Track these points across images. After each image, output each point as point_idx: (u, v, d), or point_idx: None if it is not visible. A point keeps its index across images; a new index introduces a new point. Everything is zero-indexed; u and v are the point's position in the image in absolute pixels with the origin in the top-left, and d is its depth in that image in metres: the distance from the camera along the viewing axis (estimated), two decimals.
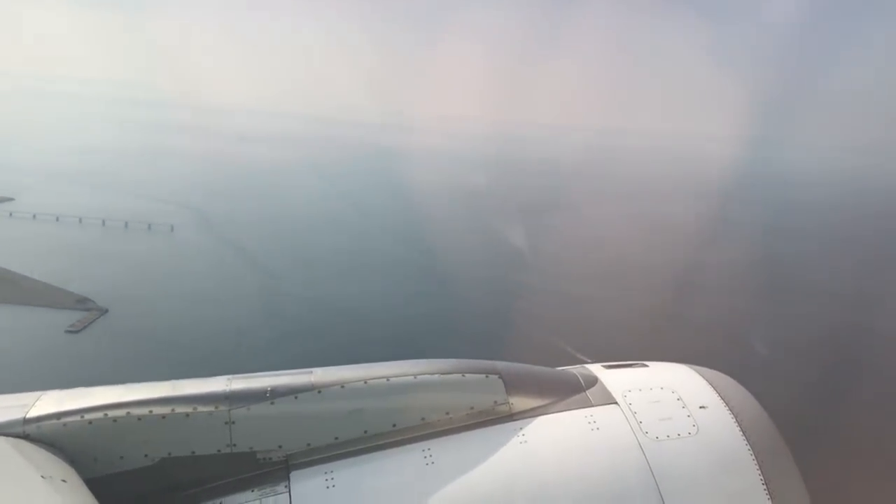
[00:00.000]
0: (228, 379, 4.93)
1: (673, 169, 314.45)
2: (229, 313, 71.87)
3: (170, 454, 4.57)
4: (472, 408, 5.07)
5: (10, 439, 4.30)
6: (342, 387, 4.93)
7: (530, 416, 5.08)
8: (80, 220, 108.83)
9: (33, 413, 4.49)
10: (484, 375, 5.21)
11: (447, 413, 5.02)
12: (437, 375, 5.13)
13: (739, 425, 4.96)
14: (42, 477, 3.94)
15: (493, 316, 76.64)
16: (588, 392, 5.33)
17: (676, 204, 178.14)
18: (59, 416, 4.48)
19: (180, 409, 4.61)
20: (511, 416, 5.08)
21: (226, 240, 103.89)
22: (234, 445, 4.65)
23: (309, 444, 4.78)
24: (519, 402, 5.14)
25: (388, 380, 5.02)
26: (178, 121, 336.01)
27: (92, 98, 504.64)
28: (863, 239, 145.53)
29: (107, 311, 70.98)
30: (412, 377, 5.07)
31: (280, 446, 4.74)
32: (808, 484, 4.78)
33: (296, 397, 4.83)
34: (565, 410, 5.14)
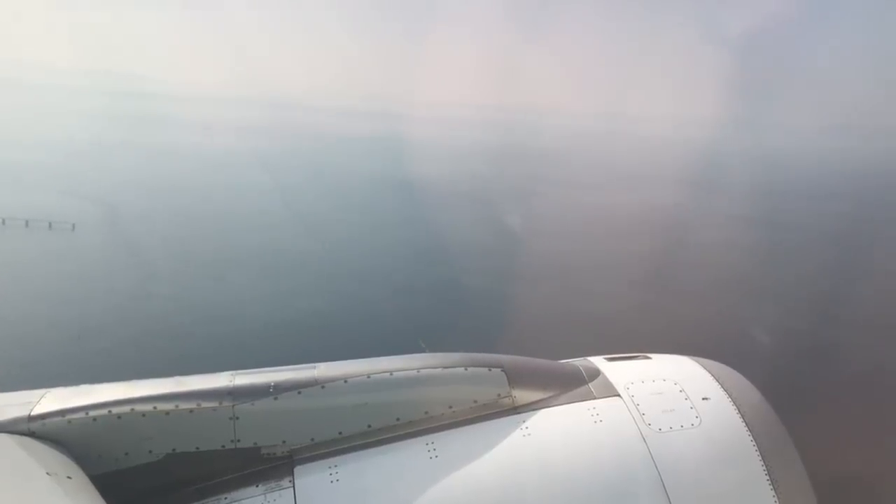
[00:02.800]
0: (232, 374, 4.97)
1: (654, 156, 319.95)
2: (81, 316, 68.50)
3: (174, 450, 4.60)
4: (475, 401, 5.14)
5: (16, 437, 4.33)
6: (345, 381, 4.98)
7: (533, 409, 5.17)
8: None
9: (38, 410, 4.52)
10: (487, 369, 5.29)
11: (450, 406, 5.09)
12: (439, 369, 5.20)
13: (742, 416, 5.12)
14: (47, 474, 3.97)
15: (368, 315, 74.69)
16: (591, 384, 5.44)
17: (642, 193, 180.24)
18: (63, 413, 4.51)
19: (184, 406, 4.65)
20: (514, 409, 5.16)
21: (127, 239, 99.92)
22: (238, 441, 4.70)
23: (313, 439, 4.83)
24: (522, 395, 5.23)
25: (391, 374, 5.08)
26: (142, 111, 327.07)
27: (54, 88, 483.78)
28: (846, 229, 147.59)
29: None
30: (415, 371, 5.14)
31: (284, 441, 4.79)
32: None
33: (299, 392, 4.87)
34: (568, 403, 5.24)
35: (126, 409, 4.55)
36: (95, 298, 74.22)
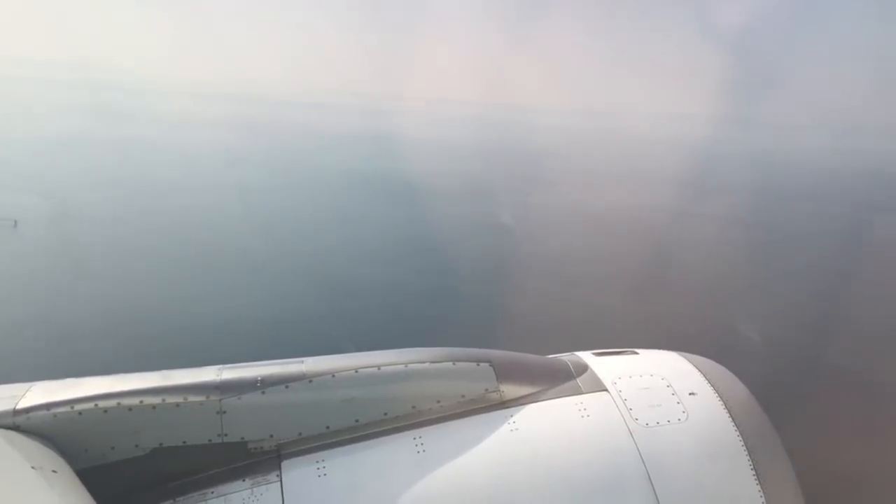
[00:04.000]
0: (219, 368, 5.01)
1: (646, 154, 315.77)
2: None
3: (161, 444, 4.62)
4: (462, 396, 5.20)
5: (0, 430, 4.32)
6: (333, 376, 5.02)
7: (521, 404, 5.22)
8: None
9: (23, 404, 4.52)
10: (475, 363, 5.35)
11: (438, 401, 5.14)
12: (427, 364, 5.26)
13: (728, 411, 5.20)
14: (32, 468, 3.97)
15: (340, 316, 73.44)
16: (578, 379, 5.51)
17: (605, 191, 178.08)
18: (49, 406, 4.52)
19: (171, 399, 4.67)
20: (502, 404, 5.22)
21: (69, 238, 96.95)
22: (226, 435, 4.73)
23: (300, 434, 4.86)
24: (509, 390, 5.29)
25: (378, 369, 5.12)
26: (116, 105, 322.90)
27: (26, 81, 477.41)
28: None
29: None
30: (403, 366, 5.19)
31: (271, 435, 4.82)
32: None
33: (287, 387, 4.91)
34: (556, 398, 5.31)
35: (112, 402, 4.57)
36: (20, 298, 72.53)
